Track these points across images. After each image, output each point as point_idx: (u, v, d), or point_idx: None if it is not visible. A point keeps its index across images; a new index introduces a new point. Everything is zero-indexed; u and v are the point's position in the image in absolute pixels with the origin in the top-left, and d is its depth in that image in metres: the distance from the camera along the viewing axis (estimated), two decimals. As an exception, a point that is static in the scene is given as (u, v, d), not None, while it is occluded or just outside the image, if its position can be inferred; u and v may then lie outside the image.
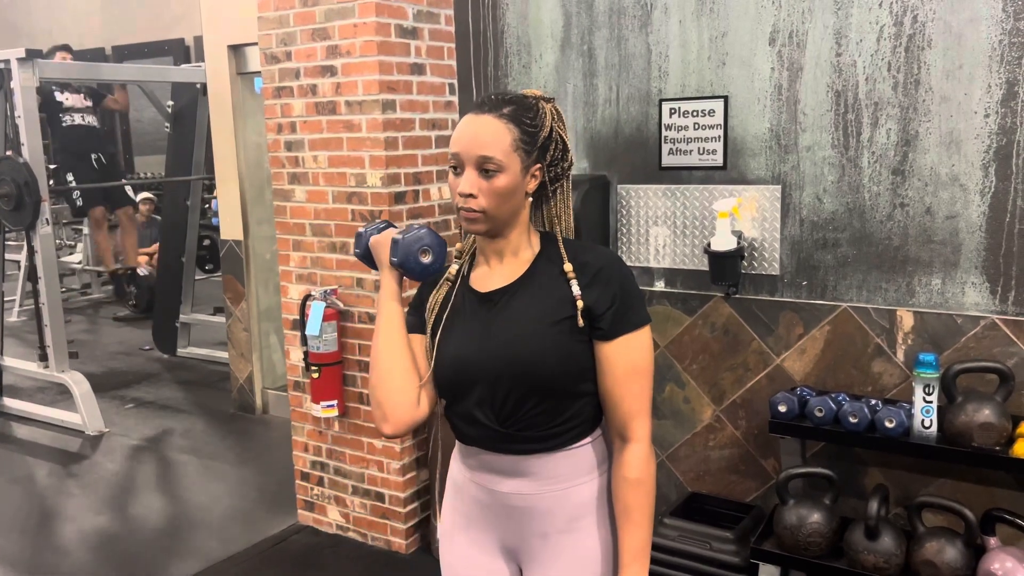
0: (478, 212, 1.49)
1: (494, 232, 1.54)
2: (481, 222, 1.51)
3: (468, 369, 1.54)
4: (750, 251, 2.92)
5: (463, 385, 1.56)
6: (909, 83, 2.60)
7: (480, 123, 1.49)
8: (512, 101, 1.52)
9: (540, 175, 1.54)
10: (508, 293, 1.55)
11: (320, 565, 3.38)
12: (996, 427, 2.37)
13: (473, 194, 1.48)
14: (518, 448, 1.55)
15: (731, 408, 3.04)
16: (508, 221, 1.54)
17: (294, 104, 3.36)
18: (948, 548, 2.41)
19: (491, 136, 1.47)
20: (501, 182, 1.48)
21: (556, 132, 1.55)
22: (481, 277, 1.60)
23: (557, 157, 1.56)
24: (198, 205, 6.58)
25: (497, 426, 1.54)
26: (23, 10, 10.54)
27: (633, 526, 1.54)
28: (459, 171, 1.50)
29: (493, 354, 1.52)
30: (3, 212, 5.12)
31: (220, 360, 6.06)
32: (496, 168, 1.47)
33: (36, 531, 3.78)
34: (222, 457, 4.59)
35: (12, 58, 4.87)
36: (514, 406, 1.52)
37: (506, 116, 1.49)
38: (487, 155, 1.47)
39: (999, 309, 2.56)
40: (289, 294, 3.54)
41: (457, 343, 1.56)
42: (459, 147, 1.49)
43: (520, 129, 1.49)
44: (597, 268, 1.52)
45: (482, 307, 1.57)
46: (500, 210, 1.50)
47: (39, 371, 5.29)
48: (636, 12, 3.03)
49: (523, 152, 1.50)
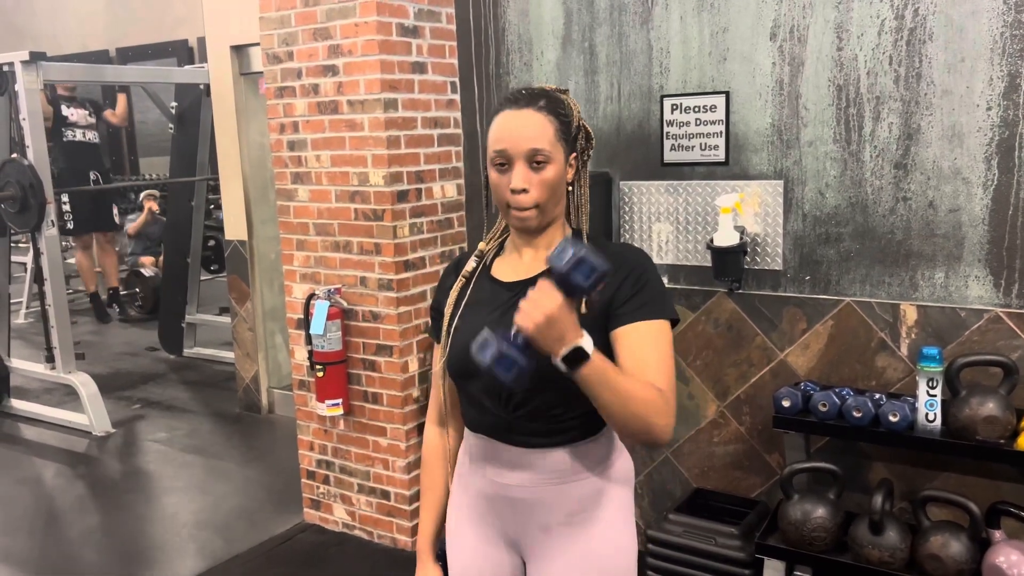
0: (531, 208, 1.50)
1: (543, 226, 1.56)
2: (535, 217, 1.52)
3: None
4: (753, 247, 2.92)
5: (473, 371, 1.57)
6: (911, 77, 2.60)
7: (523, 117, 1.50)
8: (543, 94, 1.54)
9: (575, 164, 1.57)
10: (530, 284, 1.55)
11: (326, 563, 3.39)
12: (1000, 420, 2.36)
13: (526, 188, 1.49)
14: (523, 440, 1.56)
15: (735, 404, 3.04)
16: (554, 213, 1.56)
17: (296, 104, 3.37)
18: (953, 542, 2.41)
19: (537, 129, 1.49)
20: (550, 173, 1.50)
21: (582, 124, 1.58)
22: (507, 266, 1.62)
23: (583, 146, 1.59)
24: (203, 206, 6.59)
25: (504, 414, 1.56)
26: (27, 13, 10.56)
27: (620, 375, 1.40)
28: (506, 167, 1.50)
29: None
30: (9, 214, 5.14)
31: (226, 360, 6.08)
32: (545, 159, 1.49)
33: (43, 531, 3.80)
34: (228, 456, 4.61)
35: (16, 61, 4.89)
36: (523, 396, 1.53)
37: (544, 108, 1.51)
38: (537, 147, 1.48)
39: (1003, 302, 2.56)
40: (293, 293, 3.55)
41: (473, 329, 1.56)
42: (506, 144, 1.49)
43: (559, 120, 1.52)
44: (622, 263, 1.52)
45: (502, 296, 1.58)
46: (550, 202, 1.52)
47: (46, 372, 5.31)
48: (637, 8, 3.02)
49: (564, 142, 1.52)
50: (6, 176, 5.03)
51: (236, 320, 5.29)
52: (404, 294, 3.28)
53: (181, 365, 6.39)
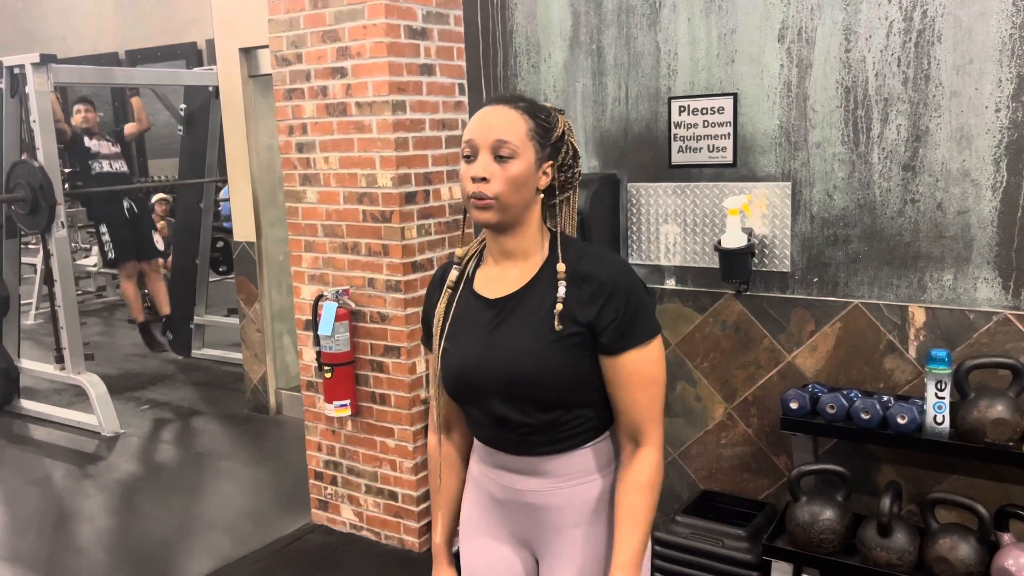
0: (490, 198, 1.47)
1: (504, 225, 1.52)
2: (493, 210, 1.49)
3: (472, 380, 1.56)
4: (760, 248, 2.92)
5: (469, 394, 1.58)
6: (919, 78, 2.60)
7: (496, 111, 1.50)
8: (526, 98, 1.55)
9: (552, 173, 1.54)
10: (513, 300, 1.54)
11: (334, 564, 3.40)
12: (1009, 423, 2.36)
13: (486, 178, 1.47)
14: (529, 450, 1.57)
15: (743, 406, 3.04)
16: (519, 214, 1.52)
17: (305, 106, 3.38)
18: (961, 544, 2.40)
19: (507, 123, 1.49)
20: (515, 168, 1.48)
21: (568, 138, 1.56)
22: (488, 280, 1.59)
23: (568, 163, 1.56)
24: (211, 207, 6.62)
25: (505, 432, 1.56)
26: (37, 16, 10.62)
27: (636, 530, 1.51)
28: (472, 158, 1.49)
29: (495, 367, 1.52)
30: (19, 216, 5.17)
31: (234, 361, 6.10)
32: (511, 153, 1.47)
33: (53, 531, 3.82)
34: (236, 457, 4.62)
35: (27, 63, 4.92)
36: (519, 416, 1.53)
37: (521, 108, 1.51)
38: (503, 138, 1.47)
39: (1011, 304, 2.55)
40: (301, 295, 3.56)
41: (462, 353, 1.57)
42: (473, 133, 1.49)
43: (535, 121, 1.51)
44: (600, 281, 1.49)
45: (486, 314, 1.56)
46: (512, 199, 1.49)
47: (55, 373, 5.35)
48: (645, 10, 3.03)
49: (537, 143, 1.50)
50: (16, 178, 5.07)
51: (244, 321, 5.31)
52: (412, 295, 3.28)
53: (189, 366, 6.42)
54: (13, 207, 5.16)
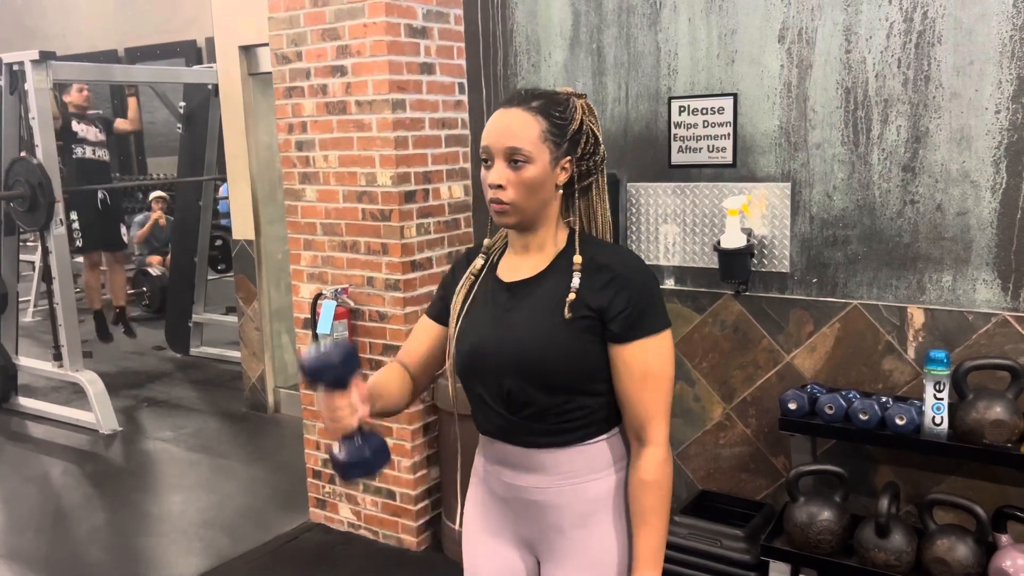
0: (507, 204, 1.51)
1: (524, 225, 1.56)
2: (510, 214, 1.52)
3: (483, 358, 1.57)
4: (760, 249, 2.92)
5: (477, 373, 1.59)
6: (919, 79, 2.60)
7: (508, 115, 1.51)
8: (541, 95, 1.54)
9: (570, 168, 1.55)
10: (529, 285, 1.57)
11: (331, 563, 3.40)
12: (1008, 424, 2.36)
13: (502, 185, 1.49)
14: (530, 440, 1.57)
15: (741, 406, 3.04)
16: (537, 214, 1.55)
17: (305, 104, 3.38)
18: (959, 545, 2.40)
19: (519, 127, 1.49)
20: (529, 173, 1.49)
21: (587, 126, 1.56)
22: (509, 266, 1.63)
23: (588, 151, 1.57)
24: (210, 205, 6.61)
25: (508, 415, 1.56)
26: (37, 13, 10.61)
27: (649, 528, 1.54)
28: (489, 164, 1.52)
29: (505, 346, 1.54)
30: (18, 213, 5.17)
31: (232, 359, 6.10)
32: (524, 159, 1.49)
33: (51, 529, 3.81)
34: (234, 455, 4.62)
35: (26, 60, 4.92)
36: (524, 398, 1.54)
37: (534, 108, 1.51)
38: (515, 146, 1.48)
39: (1010, 306, 2.55)
40: (300, 293, 3.56)
41: (476, 331, 1.59)
42: (488, 140, 1.52)
43: (549, 121, 1.51)
44: (615, 272, 1.52)
45: (503, 296, 1.59)
46: (528, 202, 1.51)
47: (54, 370, 5.34)
48: (645, 10, 3.03)
49: (552, 144, 1.51)
50: (15, 175, 5.06)
51: (243, 319, 5.31)
52: (411, 294, 3.28)
53: (188, 364, 6.41)
54: (11, 204, 5.16)
